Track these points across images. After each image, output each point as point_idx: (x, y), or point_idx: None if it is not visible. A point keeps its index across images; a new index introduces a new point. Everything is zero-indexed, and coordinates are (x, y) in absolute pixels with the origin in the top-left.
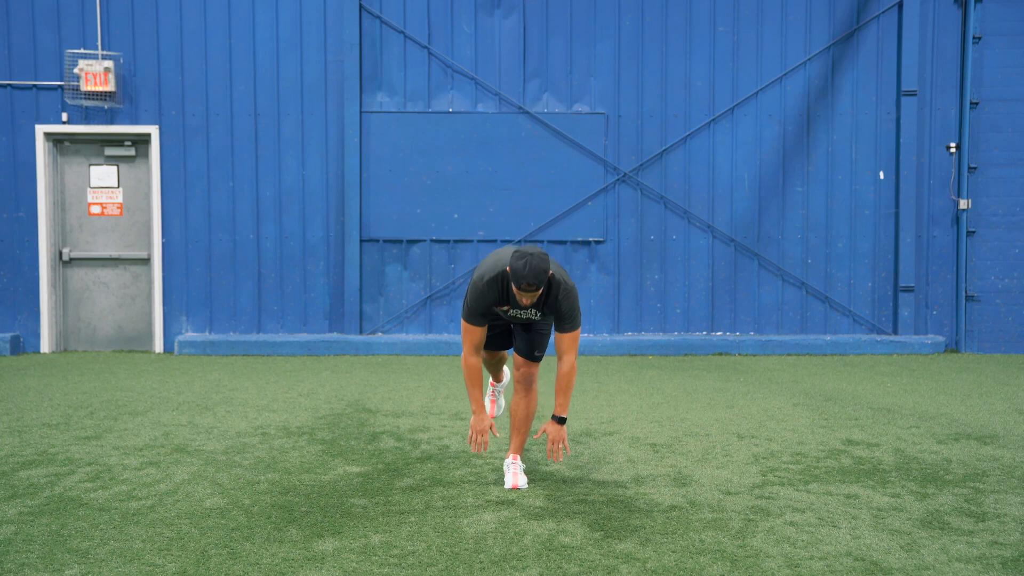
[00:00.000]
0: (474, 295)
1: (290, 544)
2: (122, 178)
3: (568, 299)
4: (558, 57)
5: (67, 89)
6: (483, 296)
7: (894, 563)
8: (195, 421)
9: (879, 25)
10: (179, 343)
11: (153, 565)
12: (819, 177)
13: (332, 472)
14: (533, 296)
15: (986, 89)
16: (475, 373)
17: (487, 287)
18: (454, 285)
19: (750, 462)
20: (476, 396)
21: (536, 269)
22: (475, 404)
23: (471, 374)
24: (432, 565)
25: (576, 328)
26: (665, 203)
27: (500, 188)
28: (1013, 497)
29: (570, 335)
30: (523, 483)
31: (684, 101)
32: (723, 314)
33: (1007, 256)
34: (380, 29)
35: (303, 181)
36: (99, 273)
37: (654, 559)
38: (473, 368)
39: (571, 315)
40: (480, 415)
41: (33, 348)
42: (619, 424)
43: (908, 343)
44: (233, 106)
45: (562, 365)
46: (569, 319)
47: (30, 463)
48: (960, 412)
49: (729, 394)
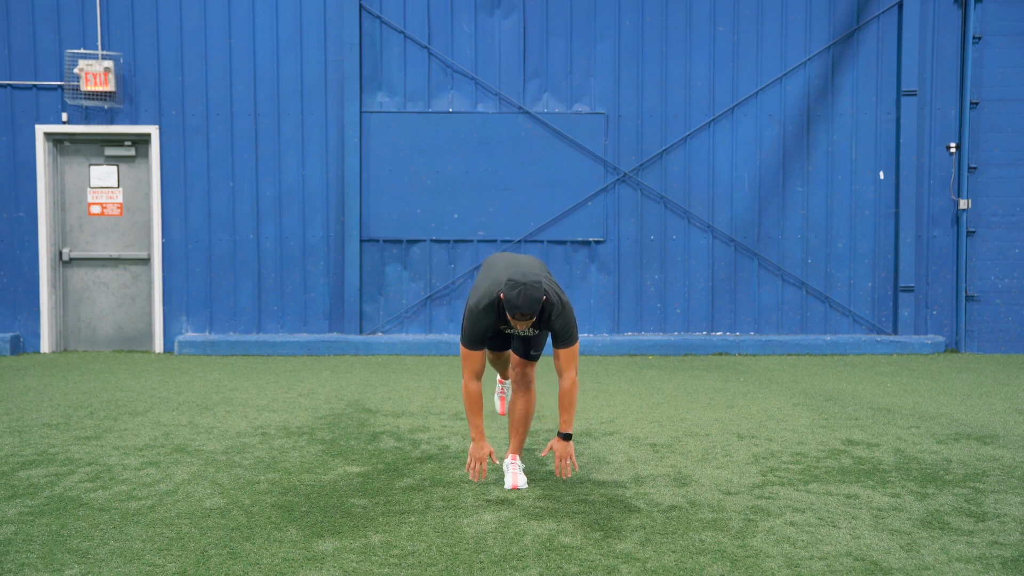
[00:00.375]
0: (472, 321)
1: (290, 544)
2: (122, 178)
3: (562, 318)
4: (558, 57)
5: (67, 89)
6: (480, 321)
7: (894, 563)
8: (195, 421)
9: (879, 25)
10: (179, 343)
11: (153, 565)
12: (819, 177)
13: (332, 472)
14: (528, 323)
15: (986, 89)
16: (475, 400)
17: (483, 313)
18: (454, 285)
19: (750, 462)
20: (476, 423)
21: (529, 299)
22: (474, 431)
23: (471, 401)
24: (432, 565)
25: (573, 344)
26: (665, 203)
27: (500, 188)
28: (1013, 497)
29: (567, 351)
30: (523, 483)
31: (684, 101)
32: (723, 314)
33: (1007, 256)
34: (380, 29)
35: (303, 181)
36: (99, 273)
37: (654, 559)
38: (473, 395)
39: (566, 332)
40: (479, 443)
41: (33, 348)
42: (619, 424)
43: (908, 343)
44: (233, 106)
45: (563, 382)
46: (565, 336)
47: (30, 463)
48: (960, 412)
49: (729, 394)
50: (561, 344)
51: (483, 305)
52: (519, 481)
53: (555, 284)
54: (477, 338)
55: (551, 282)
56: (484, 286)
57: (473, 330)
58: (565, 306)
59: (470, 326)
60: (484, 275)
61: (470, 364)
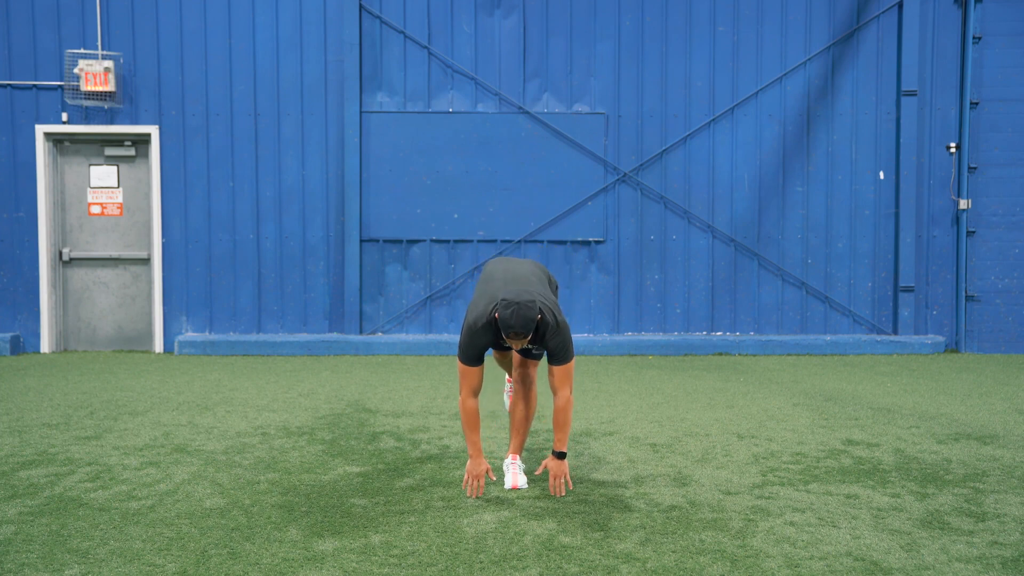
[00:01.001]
0: (469, 339)
1: (290, 544)
2: (122, 178)
3: (557, 337)
4: (558, 57)
5: (67, 89)
6: (478, 337)
7: (894, 563)
8: (195, 421)
9: (879, 25)
10: (179, 343)
11: (153, 565)
12: (819, 177)
13: (332, 472)
14: (523, 342)
15: (986, 89)
16: (472, 417)
17: (482, 332)
18: (454, 285)
19: (750, 462)
20: (474, 440)
21: (523, 319)
22: (471, 448)
23: (468, 418)
24: (432, 565)
25: (568, 362)
26: (665, 203)
27: (500, 188)
28: (1013, 497)
29: (562, 368)
30: (523, 483)
31: (684, 101)
32: (723, 314)
33: (1007, 256)
34: (380, 29)
35: (303, 181)
36: (99, 273)
37: (654, 559)
38: (471, 412)
39: (562, 350)
40: (476, 459)
41: (33, 348)
42: (619, 424)
43: (908, 343)
44: (233, 106)
45: (557, 400)
46: (560, 354)
47: (30, 463)
48: (960, 412)
49: (729, 394)
50: (556, 362)
51: (480, 325)
52: (519, 481)
53: (551, 300)
54: (474, 355)
55: (547, 299)
56: (481, 304)
57: (471, 347)
58: (560, 324)
59: (468, 343)
60: (481, 290)
61: (467, 381)
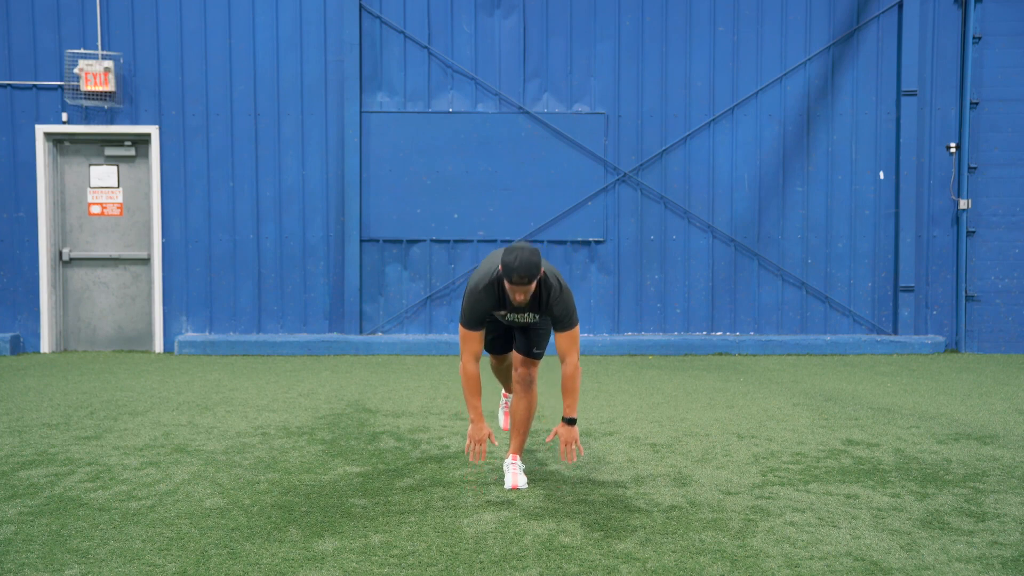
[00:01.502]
0: (471, 302)
1: (290, 544)
2: (122, 178)
3: (561, 301)
4: (558, 57)
5: (67, 89)
6: (480, 302)
7: (894, 563)
8: (195, 421)
9: (879, 25)
10: (179, 343)
11: (153, 565)
12: (819, 177)
13: (332, 472)
14: (526, 292)
15: (986, 89)
16: (473, 381)
17: (483, 293)
18: (454, 285)
19: (750, 462)
20: (475, 404)
21: (526, 263)
22: (473, 413)
23: (469, 382)
24: (432, 565)
25: (573, 326)
26: (665, 203)
27: (500, 188)
28: (1013, 497)
29: (568, 334)
30: (523, 483)
31: (684, 101)
32: (723, 314)
33: (1007, 256)
34: (380, 29)
35: (303, 181)
36: (99, 273)
37: (654, 559)
38: (471, 376)
39: (566, 315)
40: (478, 424)
41: (33, 348)
42: (619, 424)
43: (908, 343)
44: (233, 106)
45: (565, 367)
46: (565, 319)
47: (30, 463)
48: (960, 412)
49: (729, 394)
50: (561, 327)
51: (483, 285)
52: (519, 481)
53: (555, 272)
54: (476, 319)
55: (552, 269)
56: (484, 268)
57: (472, 310)
58: (564, 289)
59: (470, 306)
60: (485, 262)
61: (468, 345)
